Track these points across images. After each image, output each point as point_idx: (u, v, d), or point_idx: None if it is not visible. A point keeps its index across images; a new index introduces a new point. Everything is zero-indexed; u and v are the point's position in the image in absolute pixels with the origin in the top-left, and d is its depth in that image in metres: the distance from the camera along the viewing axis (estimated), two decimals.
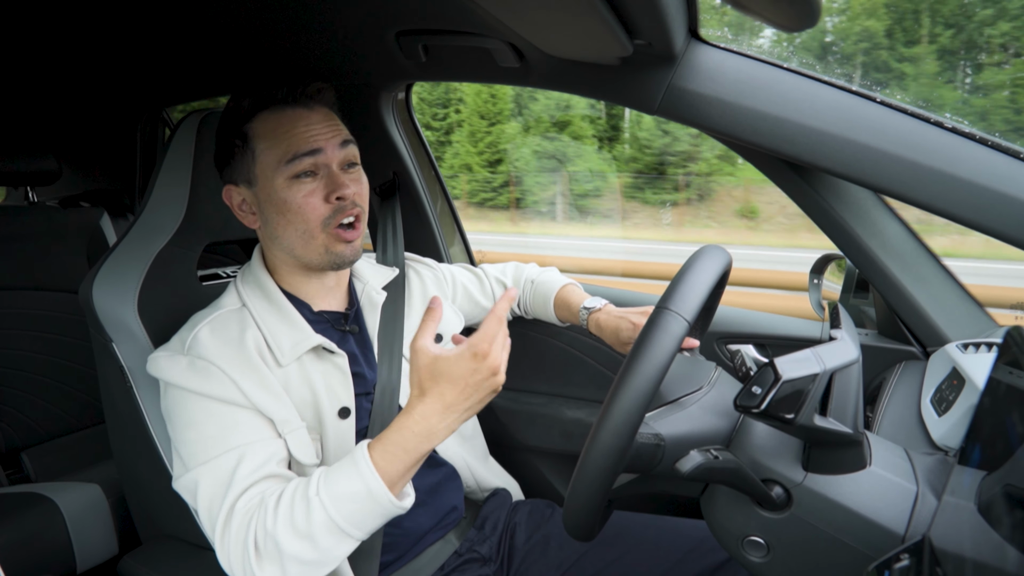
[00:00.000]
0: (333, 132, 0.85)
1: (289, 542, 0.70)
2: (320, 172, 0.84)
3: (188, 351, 0.81)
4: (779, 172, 1.00)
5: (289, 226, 0.84)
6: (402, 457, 0.72)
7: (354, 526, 0.71)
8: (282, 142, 0.82)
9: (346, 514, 0.71)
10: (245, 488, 0.74)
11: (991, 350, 0.87)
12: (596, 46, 0.84)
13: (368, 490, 0.71)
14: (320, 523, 0.70)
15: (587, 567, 0.96)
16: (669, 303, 0.59)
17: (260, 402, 0.79)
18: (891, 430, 0.84)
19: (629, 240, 9.86)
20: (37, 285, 1.64)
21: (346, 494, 0.71)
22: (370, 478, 0.71)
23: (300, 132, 0.82)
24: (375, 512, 0.72)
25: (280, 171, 0.82)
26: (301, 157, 0.82)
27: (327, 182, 0.84)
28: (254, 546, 0.71)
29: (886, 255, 0.99)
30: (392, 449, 0.72)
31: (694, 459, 0.57)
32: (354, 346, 0.94)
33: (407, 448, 0.72)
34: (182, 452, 0.79)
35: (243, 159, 0.85)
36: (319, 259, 0.86)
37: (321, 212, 0.83)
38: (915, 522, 0.56)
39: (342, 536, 0.71)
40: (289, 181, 0.82)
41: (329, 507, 0.70)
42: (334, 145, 0.85)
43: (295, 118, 0.83)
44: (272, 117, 0.83)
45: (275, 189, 0.83)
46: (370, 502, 0.71)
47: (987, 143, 0.76)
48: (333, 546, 0.71)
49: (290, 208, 0.82)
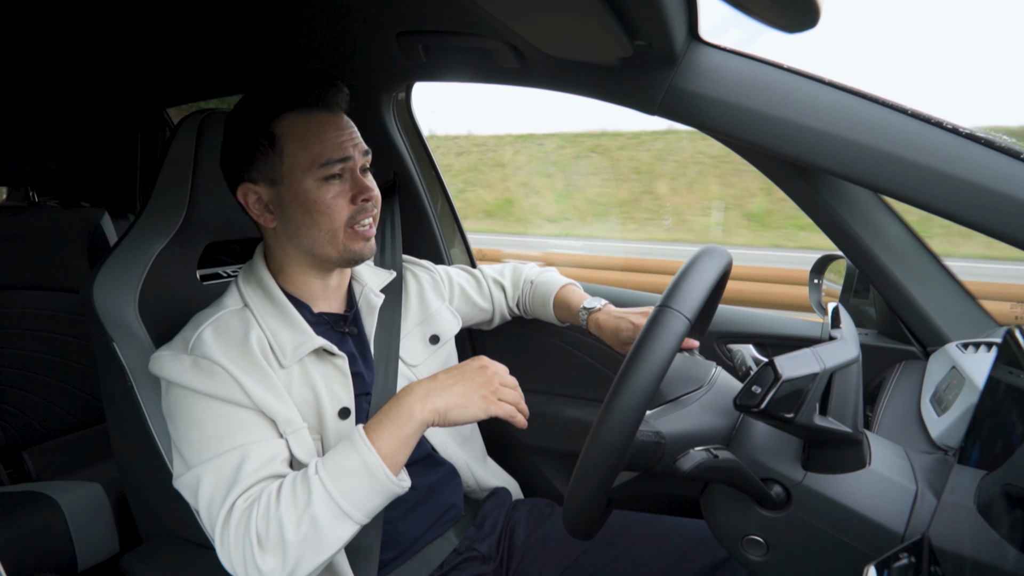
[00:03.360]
0: (357, 139, 0.89)
1: (290, 525, 0.71)
2: (345, 175, 0.87)
3: (192, 351, 0.82)
4: (780, 173, 1.01)
5: (314, 225, 0.86)
6: (388, 427, 0.75)
7: (353, 505, 0.73)
8: (314, 145, 0.84)
9: (345, 491, 0.72)
10: (247, 487, 0.75)
11: (991, 350, 0.87)
12: (596, 47, 0.84)
13: (364, 464, 0.73)
14: (320, 502, 0.71)
15: (586, 566, 0.96)
16: (670, 302, 0.59)
17: (263, 402, 0.80)
18: (891, 429, 0.84)
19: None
20: (38, 285, 1.65)
21: (343, 469, 0.73)
22: (365, 451, 0.73)
23: (332, 137, 0.85)
24: (373, 488, 0.73)
25: (311, 172, 0.84)
26: (333, 163, 0.85)
27: (351, 185, 0.87)
28: (256, 537, 0.71)
29: (886, 255, 0.99)
30: (380, 419, 0.76)
31: (694, 458, 0.57)
32: (352, 347, 0.95)
33: (390, 415, 0.76)
34: (184, 451, 0.80)
35: (267, 158, 0.85)
36: (338, 256, 0.88)
37: (346, 212, 0.86)
38: (914, 521, 0.56)
39: (341, 516, 0.72)
40: (319, 182, 0.85)
41: (328, 485, 0.72)
42: (359, 152, 0.88)
43: (324, 122, 0.86)
44: (301, 119, 0.85)
45: (305, 189, 0.84)
46: (367, 476, 0.73)
47: (988, 143, 0.76)
48: (332, 527, 0.72)
49: (318, 208, 0.85)
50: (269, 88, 0.86)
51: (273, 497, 0.73)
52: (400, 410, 0.77)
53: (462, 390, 0.78)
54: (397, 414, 0.76)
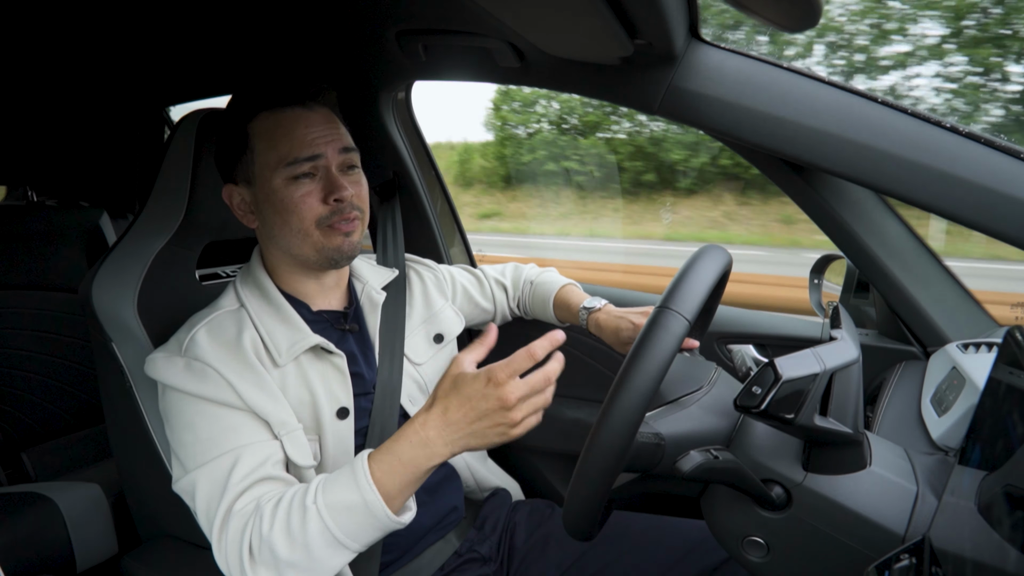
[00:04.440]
0: (333, 136, 0.85)
1: (284, 549, 0.69)
2: (318, 173, 0.84)
3: (185, 352, 0.81)
4: (779, 172, 1.00)
5: (285, 225, 0.84)
6: (399, 470, 0.69)
7: (350, 538, 0.70)
8: (282, 144, 0.82)
9: (342, 525, 0.69)
10: (241, 491, 0.74)
11: (991, 350, 0.87)
12: (596, 46, 0.84)
13: (365, 503, 0.69)
14: (316, 532, 0.69)
15: (587, 567, 0.96)
16: (670, 302, 0.58)
17: (256, 404, 0.79)
18: (891, 430, 0.84)
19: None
20: (37, 285, 1.64)
21: (343, 505, 0.69)
22: (367, 491, 0.69)
23: (300, 134, 0.82)
24: (372, 526, 0.70)
25: (279, 172, 0.82)
26: (300, 161, 0.82)
27: (325, 184, 0.84)
28: (248, 551, 0.70)
29: (886, 255, 0.99)
30: (390, 460, 0.70)
31: (694, 459, 0.57)
32: (353, 345, 0.94)
33: (403, 460, 0.69)
34: (180, 454, 0.79)
35: (243, 158, 0.85)
36: (315, 256, 0.86)
37: (317, 212, 0.83)
38: (915, 522, 0.56)
39: (338, 547, 0.70)
40: (287, 181, 0.82)
41: (326, 517, 0.69)
42: (334, 149, 0.84)
43: (294, 119, 0.83)
44: (272, 117, 0.83)
45: (273, 189, 0.83)
46: (367, 515, 0.69)
47: (987, 143, 0.76)
48: (328, 557, 0.70)
49: (286, 207, 0.83)
50: (247, 88, 0.85)
51: (267, 517, 0.70)
52: (416, 457, 0.69)
53: (481, 427, 0.68)
54: (412, 459, 0.69)
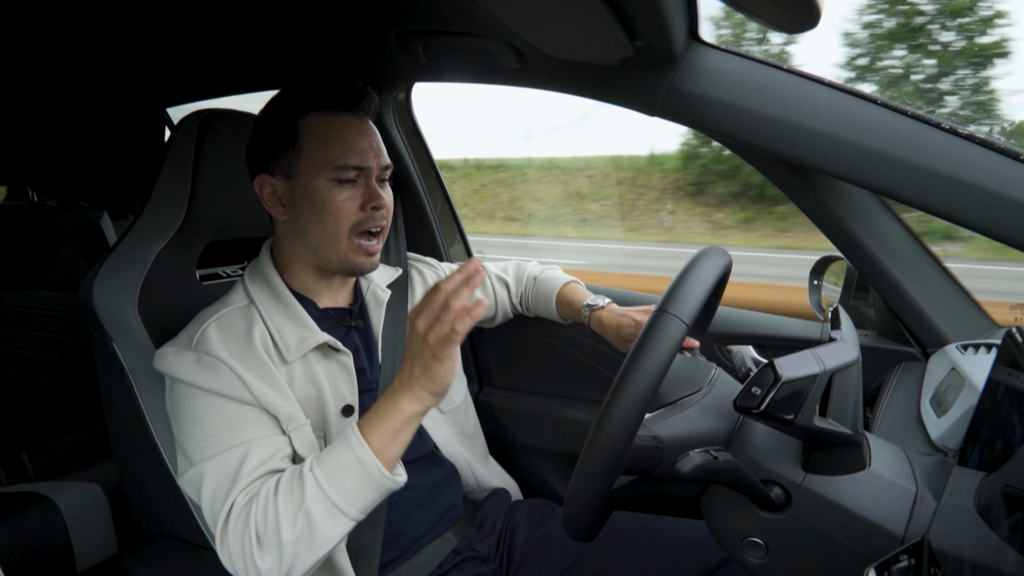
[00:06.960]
0: (379, 151, 0.89)
1: (286, 522, 0.71)
2: (359, 181, 0.87)
3: (196, 347, 0.82)
4: (779, 174, 1.01)
5: (319, 224, 0.86)
6: (377, 422, 0.74)
7: (347, 501, 0.72)
8: (332, 146, 0.84)
9: (338, 487, 0.72)
10: (248, 484, 0.75)
11: (990, 351, 0.87)
12: (596, 47, 0.84)
13: (357, 459, 0.72)
14: (313, 497, 0.71)
15: (587, 567, 0.96)
16: (668, 306, 0.58)
17: (266, 399, 0.80)
18: (890, 431, 0.84)
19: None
20: (37, 285, 1.64)
21: (337, 466, 0.73)
22: (358, 447, 0.73)
23: (351, 142, 0.85)
24: (367, 484, 0.73)
25: (324, 172, 0.84)
26: (349, 168, 0.85)
27: (364, 191, 0.87)
28: (255, 535, 0.71)
29: (886, 256, 0.99)
30: (369, 416, 0.75)
31: (693, 459, 0.57)
32: (357, 341, 0.95)
33: (379, 412, 0.74)
34: (187, 448, 0.80)
35: (287, 153, 0.86)
36: (337, 263, 0.88)
37: (353, 218, 0.86)
38: (914, 523, 0.56)
39: (336, 512, 0.72)
40: (331, 183, 0.85)
41: (323, 482, 0.72)
42: (378, 163, 0.88)
43: (346, 125, 0.86)
44: (325, 119, 0.86)
45: (316, 187, 0.85)
46: (360, 472, 0.72)
47: (987, 144, 0.76)
48: (327, 523, 0.72)
49: (326, 208, 0.85)
50: (300, 86, 0.87)
51: (271, 493, 0.73)
52: (388, 408, 0.75)
53: (418, 366, 0.72)
54: (385, 409, 0.75)
